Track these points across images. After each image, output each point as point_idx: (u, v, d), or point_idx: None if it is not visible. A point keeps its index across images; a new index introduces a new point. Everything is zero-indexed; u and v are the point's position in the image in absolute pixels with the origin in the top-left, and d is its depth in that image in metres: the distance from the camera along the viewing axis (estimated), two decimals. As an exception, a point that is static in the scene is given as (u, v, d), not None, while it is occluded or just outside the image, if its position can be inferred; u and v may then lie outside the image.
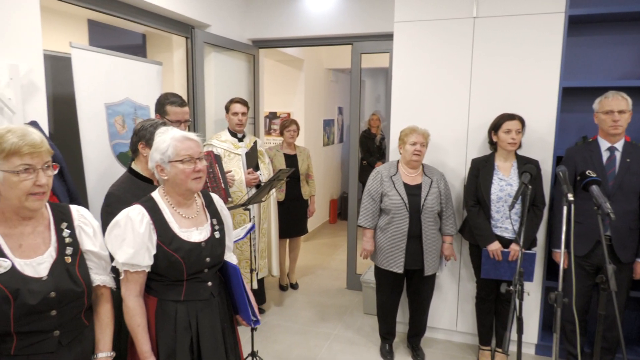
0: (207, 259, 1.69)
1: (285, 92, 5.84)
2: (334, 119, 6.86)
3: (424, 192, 2.86)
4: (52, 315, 1.33)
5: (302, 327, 3.58)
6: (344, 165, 7.25)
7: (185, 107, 2.64)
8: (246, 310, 1.79)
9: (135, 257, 1.54)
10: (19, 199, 1.28)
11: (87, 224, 1.49)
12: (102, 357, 1.49)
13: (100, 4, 2.82)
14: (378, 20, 3.91)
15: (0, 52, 2.09)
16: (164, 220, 1.63)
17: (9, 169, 1.25)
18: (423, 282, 2.97)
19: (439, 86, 3.15)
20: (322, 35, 4.15)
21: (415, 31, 3.16)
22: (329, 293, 4.26)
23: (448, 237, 2.96)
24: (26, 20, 2.21)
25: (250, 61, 4.39)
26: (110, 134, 2.80)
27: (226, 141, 3.44)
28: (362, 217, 2.97)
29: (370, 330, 3.52)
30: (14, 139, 1.25)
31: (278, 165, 3.99)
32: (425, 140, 2.87)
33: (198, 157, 1.66)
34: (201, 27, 3.71)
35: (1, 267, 1.26)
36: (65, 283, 1.36)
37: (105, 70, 2.76)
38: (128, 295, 1.58)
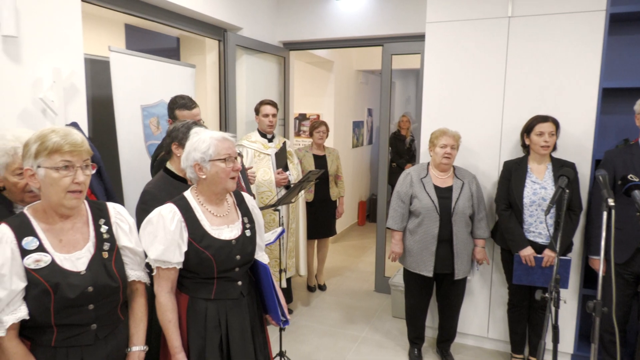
0: (238, 257, 1.71)
1: (315, 94, 5.87)
2: (363, 121, 6.83)
3: (455, 194, 2.81)
4: (90, 309, 1.38)
5: (330, 328, 3.58)
6: (373, 167, 7.21)
7: (195, 108, 2.57)
8: (276, 310, 1.80)
9: (166, 254, 1.58)
10: (58, 196, 1.33)
11: (124, 220, 1.54)
12: (136, 350, 1.53)
13: (138, 8, 2.92)
14: (409, 21, 3.88)
15: (44, 57, 2.19)
16: (195, 218, 1.67)
17: (50, 166, 1.30)
18: (453, 287, 2.91)
19: (471, 87, 3.09)
20: (352, 37, 4.15)
21: (448, 32, 3.11)
22: (357, 295, 4.24)
23: (480, 241, 2.90)
24: (69, 25, 2.31)
25: (281, 63, 4.43)
26: (146, 134, 2.89)
27: (256, 142, 3.48)
28: (391, 219, 2.94)
29: (398, 334, 3.49)
30: (57, 137, 1.31)
31: (307, 166, 4.01)
32: (456, 142, 2.82)
33: (235, 156, 1.70)
34: (233, 30, 3.77)
35: (42, 262, 1.32)
36: (102, 278, 1.40)
37: (141, 73, 2.85)
38: (160, 291, 1.62)
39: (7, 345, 1.26)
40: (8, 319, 1.26)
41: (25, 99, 2.13)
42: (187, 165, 1.70)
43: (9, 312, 1.27)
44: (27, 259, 1.30)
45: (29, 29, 2.11)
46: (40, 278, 1.30)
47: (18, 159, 1.60)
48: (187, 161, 1.69)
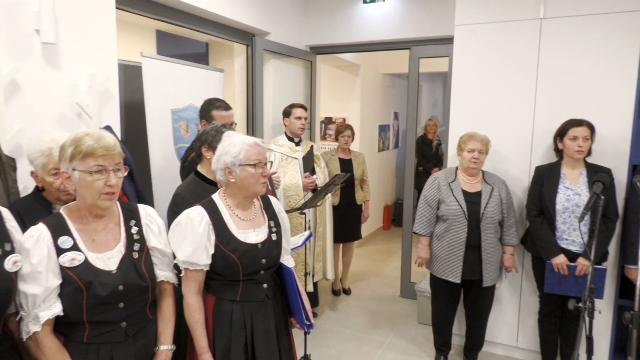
0: (263, 260, 1.72)
1: (341, 98, 5.87)
2: (389, 124, 6.79)
3: (484, 200, 2.75)
4: (120, 307, 1.42)
5: (355, 333, 3.56)
6: (399, 171, 7.15)
7: (230, 110, 2.68)
8: (300, 313, 1.81)
9: (194, 256, 1.60)
10: (92, 198, 1.38)
11: (153, 222, 1.58)
12: (164, 349, 1.56)
13: (169, 15, 2.99)
14: (437, 24, 3.84)
15: (81, 63, 2.27)
16: (222, 221, 1.69)
17: (84, 169, 1.35)
18: (481, 294, 2.85)
19: (501, 91, 3.03)
20: (379, 41, 4.14)
21: (477, 34, 3.06)
22: (382, 300, 4.21)
23: (509, 248, 2.83)
24: (104, 32, 2.39)
25: (308, 67, 4.46)
26: (175, 138, 2.95)
27: (283, 145, 3.51)
28: (418, 224, 2.91)
29: (424, 340, 3.44)
30: (90, 141, 1.36)
31: (333, 169, 4.01)
32: (485, 147, 2.77)
33: (265, 162, 1.72)
34: (261, 34, 3.82)
35: (75, 260, 1.36)
36: (132, 277, 1.44)
37: (172, 78, 2.91)
38: (187, 292, 1.65)
39: (43, 339, 1.31)
40: (44, 315, 1.30)
41: (62, 103, 2.21)
42: (218, 168, 1.72)
43: (44, 308, 1.31)
44: (62, 257, 1.35)
45: (67, 36, 2.20)
46: (74, 276, 1.35)
47: (53, 159, 1.67)
48: (217, 164, 1.72)
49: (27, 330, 1.31)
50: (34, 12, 2.03)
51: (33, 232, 1.35)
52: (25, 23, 2.02)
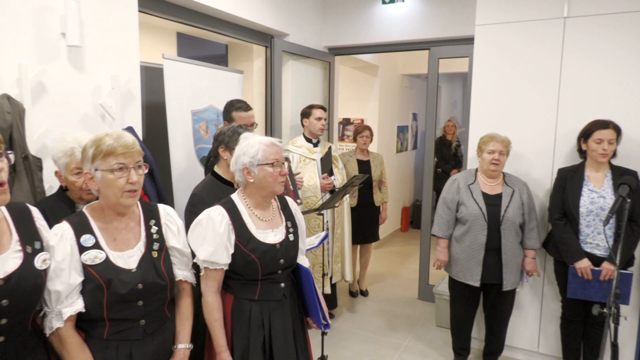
0: (281, 261, 1.73)
1: (359, 99, 5.85)
2: (408, 125, 6.74)
3: (505, 202, 2.71)
4: (139, 305, 1.44)
5: (372, 335, 3.54)
6: (418, 173, 7.09)
7: (250, 111, 2.71)
8: (317, 313, 1.81)
9: (215, 255, 1.62)
10: (115, 196, 1.41)
11: (173, 222, 1.60)
12: (181, 348, 1.58)
13: (190, 17, 3.03)
14: (457, 24, 3.80)
15: (104, 65, 2.32)
16: (242, 221, 1.70)
17: (106, 168, 1.38)
18: (501, 298, 2.81)
19: (523, 91, 2.98)
20: (398, 41, 4.11)
21: (498, 34, 3.02)
22: (400, 302, 4.18)
23: (530, 252, 2.78)
24: (126, 35, 2.43)
25: (326, 68, 4.46)
26: (195, 138, 2.99)
27: (301, 146, 3.52)
28: (437, 226, 2.88)
29: (442, 344, 3.40)
30: (110, 141, 1.39)
31: (351, 170, 4.00)
32: (505, 148, 2.72)
33: (283, 161, 1.73)
34: (280, 36, 3.83)
35: (97, 258, 1.39)
36: (151, 276, 1.46)
37: (192, 79, 2.95)
38: (207, 291, 1.66)
39: (65, 335, 1.34)
40: (66, 311, 1.34)
41: (87, 104, 2.26)
42: (236, 169, 1.74)
43: (67, 304, 1.34)
44: (84, 255, 1.38)
45: (91, 39, 2.25)
46: (95, 274, 1.38)
47: (75, 159, 1.71)
48: (235, 165, 1.74)
49: (50, 326, 1.34)
50: (60, 16, 2.08)
51: (57, 230, 1.39)
52: (51, 27, 2.07)
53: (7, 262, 1.21)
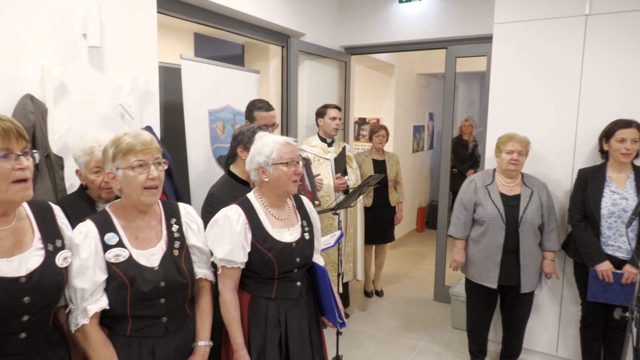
0: (297, 259, 1.74)
1: (375, 98, 5.83)
2: (424, 125, 6.69)
3: (523, 203, 2.67)
4: (161, 302, 1.46)
5: (387, 335, 3.53)
6: (434, 173, 7.03)
7: (272, 111, 2.72)
8: (333, 312, 1.82)
9: (232, 254, 1.63)
10: (136, 193, 1.43)
11: (193, 220, 1.62)
12: (202, 345, 1.59)
13: (207, 17, 3.05)
14: (475, 23, 3.76)
15: (124, 65, 2.35)
16: (258, 220, 1.72)
17: (126, 166, 1.40)
18: (519, 300, 2.77)
19: (542, 90, 2.93)
20: (415, 40, 4.08)
21: (517, 32, 2.98)
22: (415, 303, 4.15)
23: (549, 254, 2.73)
24: (145, 36, 2.46)
25: (342, 68, 4.46)
26: (212, 138, 3.01)
27: (316, 146, 3.52)
28: (453, 227, 2.85)
29: (458, 345, 3.37)
30: (129, 139, 1.41)
31: (366, 170, 3.99)
32: (524, 148, 2.68)
33: (298, 160, 1.74)
34: (296, 36, 3.84)
35: (121, 256, 1.42)
36: (173, 274, 1.48)
37: (209, 79, 2.97)
38: (224, 289, 1.68)
39: (90, 331, 1.37)
40: (91, 308, 1.36)
41: (106, 104, 2.30)
42: (251, 168, 1.75)
43: (92, 301, 1.37)
44: (108, 253, 1.40)
45: (111, 39, 2.28)
46: (119, 271, 1.40)
47: (94, 158, 1.74)
48: (251, 164, 1.75)
49: (75, 323, 1.36)
50: (81, 18, 2.12)
51: (82, 228, 1.41)
52: (73, 28, 2.11)
53: (29, 259, 1.23)
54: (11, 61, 1.89)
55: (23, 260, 1.22)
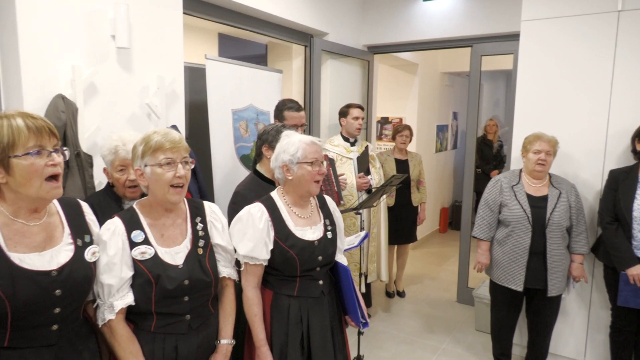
0: (320, 258, 1.74)
1: (398, 97, 5.79)
2: (447, 125, 6.61)
3: (551, 204, 2.60)
4: (185, 300, 1.48)
5: (409, 336, 3.50)
6: (457, 173, 6.93)
7: (302, 111, 2.75)
8: (355, 311, 1.81)
9: (254, 251, 1.65)
10: (163, 191, 1.45)
11: (217, 219, 1.63)
12: (224, 343, 1.61)
13: (231, 18, 3.09)
14: (501, 20, 3.68)
15: (150, 66, 2.40)
16: (281, 218, 1.73)
17: (154, 163, 1.43)
18: (545, 303, 2.70)
19: (572, 89, 2.86)
20: (439, 39, 4.03)
21: (546, 29, 2.90)
22: (438, 304, 4.10)
23: (578, 256, 2.66)
24: (171, 36, 2.51)
25: (365, 67, 4.44)
26: (235, 137, 3.04)
27: (338, 145, 3.51)
28: (478, 228, 2.80)
29: (482, 348, 3.31)
30: (158, 137, 1.44)
31: (388, 170, 3.96)
32: (552, 148, 2.62)
33: (322, 160, 1.74)
34: (319, 35, 3.84)
35: (147, 254, 1.44)
36: (197, 272, 1.50)
37: (233, 79, 3.01)
38: (247, 286, 1.69)
39: (116, 327, 1.40)
40: (118, 304, 1.39)
41: (134, 104, 2.35)
42: (276, 166, 1.77)
43: (118, 297, 1.40)
44: (134, 250, 1.44)
45: (139, 40, 2.33)
46: (145, 269, 1.43)
47: (119, 157, 1.79)
48: (276, 162, 1.77)
49: (102, 318, 1.40)
50: (110, 19, 2.17)
51: (109, 225, 1.45)
52: (102, 29, 2.16)
53: (60, 254, 1.27)
54: (44, 62, 1.95)
55: (54, 255, 1.26)
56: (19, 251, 1.20)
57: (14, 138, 1.16)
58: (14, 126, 1.17)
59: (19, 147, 1.16)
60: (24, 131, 1.17)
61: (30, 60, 1.90)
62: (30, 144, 1.18)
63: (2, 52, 1.94)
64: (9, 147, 1.16)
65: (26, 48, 1.88)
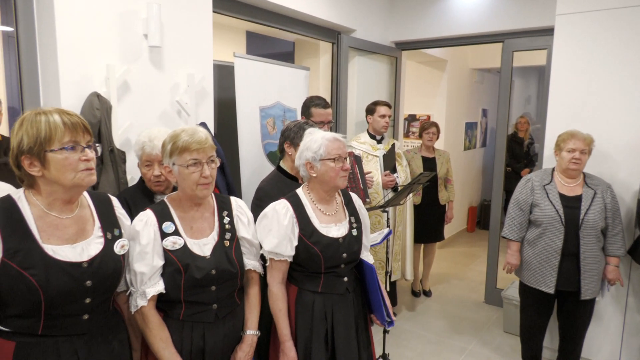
0: (344, 255, 1.74)
1: (426, 94, 5.71)
2: (477, 122, 6.48)
3: (585, 204, 2.52)
4: (212, 290, 1.52)
5: (435, 336, 3.46)
6: (486, 171, 6.79)
7: (329, 108, 2.76)
8: (381, 310, 1.81)
9: (279, 247, 1.67)
10: (190, 188, 1.50)
11: (243, 213, 1.67)
12: (250, 334, 1.64)
13: (259, 16, 3.11)
14: (534, 14, 3.58)
15: (180, 64, 2.45)
16: (305, 214, 1.74)
17: (182, 163, 1.47)
18: (578, 307, 2.62)
19: (609, 85, 2.75)
20: (470, 34, 3.96)
21: (582, 23, 2.81)
22: (465, 305, 4.04)
23: (613, 259, 2.56)
24: (201, 35, 2.55)
25: (393, 63, 4.40)
26: (262, 134, 3.07)
27: (365, 143, 3.50)
28: (508, 228, 2.74)
29: (510, 351, 3.24)
30: (186, 137, 1.48)
31: (415, 168, 3.92)
32: (587, 146, 2.53)
33: (345, 156, 1.74)
34: (347, 32, 3.83)
35: (177, 244, 1.49)
36: (223, 263, 1.54)
37: (261, 76, 3.03)
38: (272, 281, 1.72)
39: (147, 313, 1.45)
40: (149, 291, 1.45)
41: (165, 101, 2.40)
42: (300, 164, 1.78)
43: (150, 285, 1.45)
44: (165, 240, 1.49)
45: (170, 39, 2.38)
46: (175, 258, 1.48)
47: (145, 153, 1.86)
48: (299, 159, 1.78)
49: (135, 305, 1.46)
50: (143, 19, 2.22)
51: (142, 216, 1.51)
52: (135, 29, 2.22)
53: (90, 246, 1.32)
54: (80, 61, 2.02)
55: (85, 247, 1.30)
56: (52, 243, 1.25)
57: (50, 133, 1.21)
58: (51, 122, 1.21)
59: (55, 142, 1.21)
60: (60, 127, 1.22)
61: (68, 60, 1.97)
62: (65, 139, 1.22)
63: (42, 52, 2.02)
64: (45, 141, 1.20)
65: (64, 48, 1.95)
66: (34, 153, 1.20)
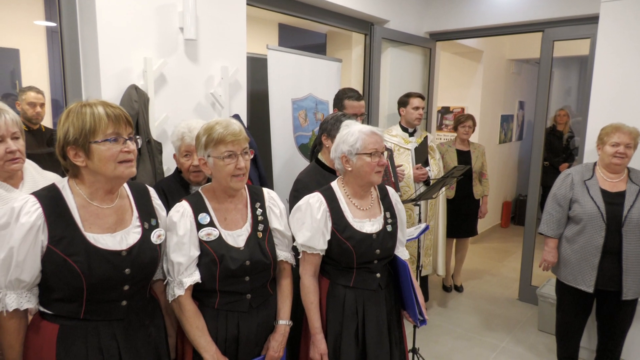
0: (377, 251, 1.73)
1: (460, 86, 5.58)
2: (513, 115, 6.28)
3: (629, 201, 2.41)
4: (246, 280, 1.55)
5: (466, 332, 3.41)
6: (522, 165, 6.60)
7: (362, 101, 2.74)
8: (413, 307, 1.79)
9: (312, 240, 1.67)
10: (225, 180, 1.52)
11: (276, 205, 1.68)
12: (282, 324, 1.66)
13: (292, 8, 3.11)
14: (576, 2, 3.42)
15: (215, 56, 2.48)
16: (339, 209, 1.73)
17: (217, 155, 1.49)
18: (619, 308, 2.52)
19: (658, 75, 2.61)
20: (507, 24, 3.82)
21: (630, 10, 2.67)
22: (498, 301, 3.96)
23: (659, 258, 2.45)
24: (235, 28, 2.57)
25: (426, 55, 4.31)
26: (294, 126, 3.08)
27: (397, 135, 3.45)
28: (545, 225, 2.66)
29: (545, 350, 3.16)
30: (220, 129, 1.49)
31: (449, 161, 3.85)
32: (633, 141, 2.42)
33: (382, 151, 1.71)
34: (380, 23, 3.78)
35: (212, 235, 1.52)
36: (257, 254, 1.56)
37: (293, 69, 3.03)
38: (304, 274, 1.72)
39: (184, 302, 1.49)
40: (186, 281, 1.48)
41: (199, 94, 2.44)
42: (336, 157, 1.76)
43: (186, 275, 1.49)
44: (201, 231, 1.52)
45: (204, 32, 2.41)
46: (210, 249, 1.51)
47: (185, 143, 1.89)
48: (335, 152, 1.76)
49: (172, 294, 1.49)
50: (179, 12, 2.26)
51: (179, 207, 1.54)
52: (171, 22, 2.26)
53: (129, 235, 1.36)
54: (120, 55, 2.07)
55: (124, 236, 1.35)
56: (94, 231, 1.29)
57: (95, 125, 1.24)
58: (95, 114, 1.25)
59: (99, 134, 1.25)
60: (104, 119, 1.25)
61: (108, 53, 2.03)
62: (109, 131, 1.26)
63: (84, 46, 2.09)
64: (90, 133, 1.24)
65: (104, 42, 2.01)
66: (79, 144, 1.25)
